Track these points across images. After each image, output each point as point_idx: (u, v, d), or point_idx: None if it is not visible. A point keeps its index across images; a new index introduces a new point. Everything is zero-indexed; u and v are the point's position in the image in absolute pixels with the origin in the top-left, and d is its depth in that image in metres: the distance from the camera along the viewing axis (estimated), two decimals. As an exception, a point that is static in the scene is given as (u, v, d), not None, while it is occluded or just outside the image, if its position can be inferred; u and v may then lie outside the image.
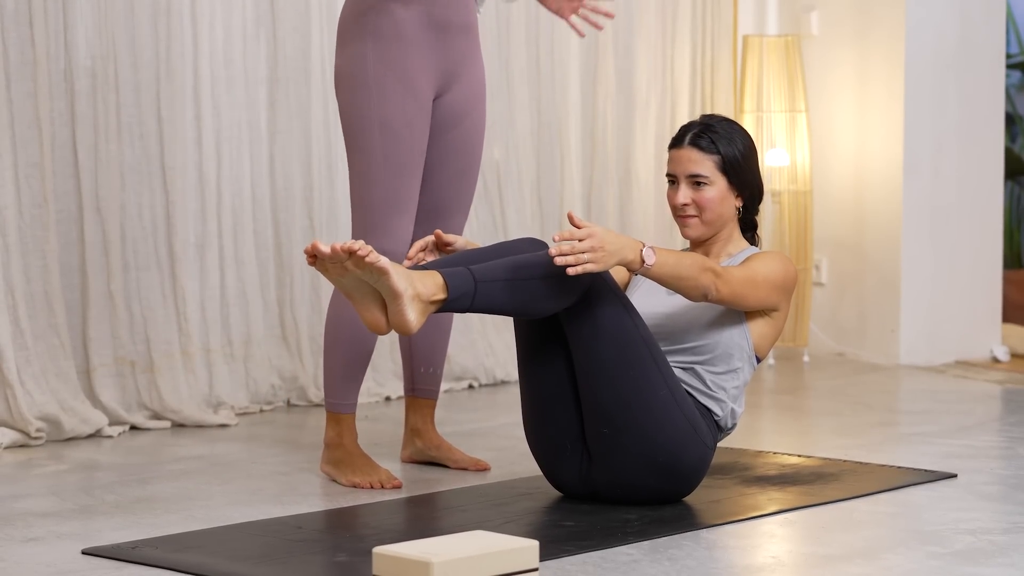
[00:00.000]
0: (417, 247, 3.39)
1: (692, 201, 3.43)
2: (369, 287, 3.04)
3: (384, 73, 3.62)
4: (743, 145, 3.44)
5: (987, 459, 3.97)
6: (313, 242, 2.99)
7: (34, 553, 2.98)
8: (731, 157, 3.42)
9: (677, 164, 3.44)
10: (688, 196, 3.43)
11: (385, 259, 2.99)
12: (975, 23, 6.07)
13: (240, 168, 4.87)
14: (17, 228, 4.35)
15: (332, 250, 2.97)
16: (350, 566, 2.84)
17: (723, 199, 3.43)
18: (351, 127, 3.66)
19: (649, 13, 5.94)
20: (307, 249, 3.00)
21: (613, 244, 3.10)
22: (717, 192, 3.42)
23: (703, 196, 3.42)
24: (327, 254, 2.98)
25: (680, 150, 3.44)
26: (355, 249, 2.96)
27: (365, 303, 3.06)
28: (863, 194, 6.05)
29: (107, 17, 4.53)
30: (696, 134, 3.43)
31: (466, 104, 3.77)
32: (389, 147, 3.62)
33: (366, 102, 3.62)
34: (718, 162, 3.41)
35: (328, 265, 3.01)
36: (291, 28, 4.94)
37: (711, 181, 3.42)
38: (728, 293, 3.29)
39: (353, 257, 2.98)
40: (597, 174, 5.82)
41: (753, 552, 3.03)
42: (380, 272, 2.99)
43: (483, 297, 3.10)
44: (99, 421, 4.38)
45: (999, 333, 6.19)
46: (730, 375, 3.39)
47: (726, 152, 3.41)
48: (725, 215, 3.45)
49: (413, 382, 3.92)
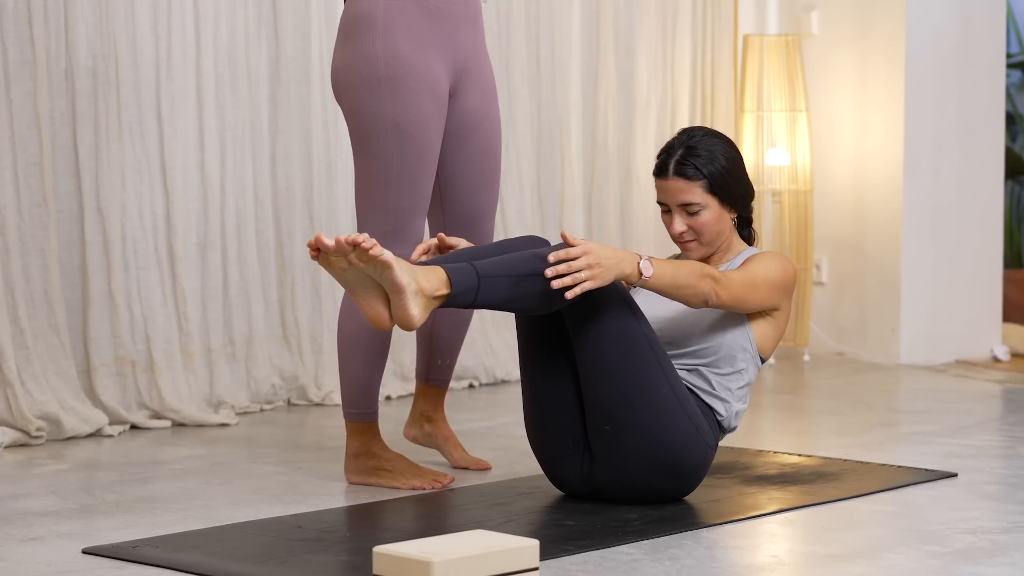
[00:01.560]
0: (420, 250, 3.37)
1: (689, 228, 3.42)
2: (372, 281, 3.03)
3: (397, 70, 3.50)
4: (726, 159, 3.42)
5: (987, 458, 3.97)
6: (316, 235, 2.97)
7: (34, 552, 2.98)
8: (717, 176, 3.40)
9: (666, 194, 3.42)
10: (684, 224, 3.42)
11: (389, 253, 2.98)
12: (975, 23, 6.07)
13: (241, 168, 4.87)
14: (17, 227, 4.36)
15: (336, 243, 2.96)
16: (350, 566, 2.84)
17: (718, 218, 3.43)
18: (361, 129, 3.53)
19: (649, 13, 5.94)
20: (310, 242, 2.97)
21: (610, 259, 3.10)
22: (711, 214, 3.41)
23: (699, 221, 3.41)
24: (331, 247, 2.97)
25: (666, 181, 3.41)
26: (359, 242, 2.95)
27: (368, 297, 3.05)
28: (863, 194, 6.05)
29: (108, 16, 4.53)
30: (678, 162, 3.39)
31: (482, 105, 3.68)
32: (406, 150, 3.51)
33: (378, 102, 3.51)
34: (706, 185, 3.39)
35: (331, 259, 3.00)
36: (292, 28, 4.94)
37: (703, 205, 3.40)
38: (728, 298, 3.29)
39: (357, 250, 2.97)
40: (597, 174, 5.82)
41: (753, 551, 3.03)
42: (384, 266, 2.98)
43: (486, 293, 3.10)
44: (99, 420, 4.38)
45: (999, 332, 6.19)
46: (735, 376, 3.39)
47: (711, 172, 3.39)
48: (724, 231, 3.45)
49: (428, 372, 3.86)
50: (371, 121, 3.52)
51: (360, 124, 3.54)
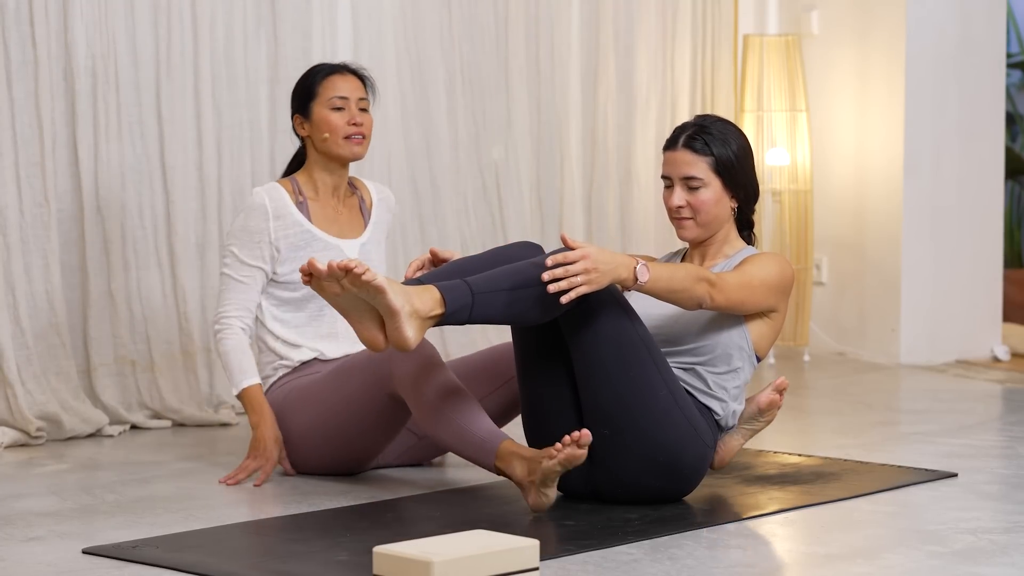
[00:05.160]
0: (414, 267, 3.39)
1: (687, 203, 3.42)
2: (366, 305, 3.04)
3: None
4: (737, 146, 3.44)
5: (988, 458, 3.97)
6: (309, 259, 2.99)
7: (35, 552, 2.98)
8: (725, 158, 3.41)
9: (672, 166, 3.44)
10: (683, 198, 3.42)
11: (381, 277, 3.00)
12: (975, 22, 6.07)
13: (241, 168, 4.87)
14: (18, 227, 4.36)
15: (328, 268, 2.98)
16: (350, 566, 2.84)
17: (718, 201, 3.43)
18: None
19: (649, 13, 5.95)
20: (303, 268, 3.01)
21: (607, 264, 3.10)
22: (712, 194, 3.42)
23: (698, 198, 3.42)
24: (323, 272, 2.98)
25: (674, 152, 3.43)
26: (351, 267, 2.97)
27: (362, 321, 3.06)
28: (863, 193, 6.05)
29: (107, 16, 4.53)
30: (690, 136, 3.42)
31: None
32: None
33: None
34: (712, 163, 3.41)
35: (324, 284, 3.02)
36: (292, 27, 4.94)
37: (705, 183, 3.41)
38: (723, 301, 3.29)
39: (349, 275, 2.98)
40: (597, 174, 5.82)
41: (753, 551, 3.03)
42: (376, 290, 2.99)
43: (481, 309, 3.10)
44: (100, 420, 4.38)
45: (999, 332, 6.19)
46: (731, 375, 3.39)
47: (720, 153, 3.41)
48: (721, 216, 3.45)
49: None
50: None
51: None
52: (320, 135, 3.83)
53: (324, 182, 3.87)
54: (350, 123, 3.82)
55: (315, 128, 3.84)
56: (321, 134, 3.82)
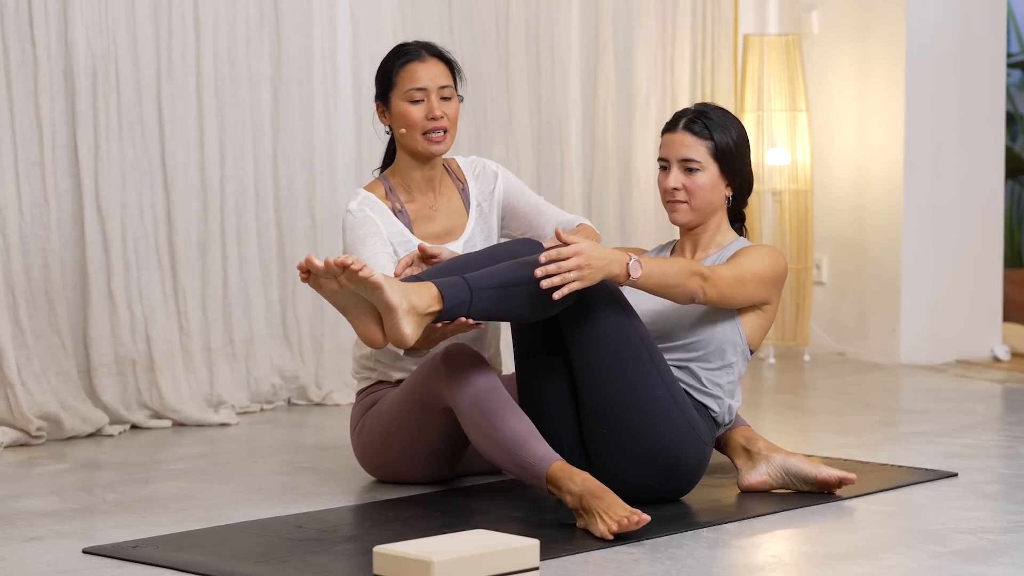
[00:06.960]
0: (403, 263, 3.38)
1: (683, 186, 3.42)
2: (364, 301, 3.05)
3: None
4: (737, 135, 3.44)
5: (988, 458, 3.97)
6: (307, 256, 2.99)
7: (35, 552, 2.98)
8: (724, 144, 3.41)
9: (670, 148, 3.44)
10: (679, 180, 3.42)
11: (378, 273, 3.00)
12: (976, 22, 6.07)
13: (242, 167, 4.87)
14: (18, 227, 4.36)
15: (326, 264, 2.98)
16: (350, 566, 2.84)
17: (714, 186, 3.43)
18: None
19: (649, 13, 5.94)
20: (300, 265, 3.00)
21: (600, 260, 3.10)
22: (708, 178, 3.42)
23: (694, 182, 3.42)
24: (321, 268, 2.99)
25: (674, 134, 3.44)
26: (348, 263, 2.97)
27: (360, 317, 3.06)
28: (864, 193, 6.05)
29: (108, 16, 4.53)
30: (691, 119, 3.43)
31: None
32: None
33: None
34: (711, 148, 3.41)
35: (322, 280, 3.02)
36: (294, 27, 4.95)
37: (703, 167, 3.41)
38: (716, 295, 3.29)
39: (347, 272, 2.98)
40: (597, 174, 5.82)
41: (753, 551, 3.03)
42: (374, 287, 2.99)
43: (479, 305, 3.11)
44: (100, 420, 4.38)
45: (1000, 332, 6.19)
46: (724, 370, 3.38)
47: (719, 139, 3.41)
48: (715, 203, 3.45)
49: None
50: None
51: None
52: (399, 129, 3.58)
53: (415, 180, 3.61)
54: (428, 117, 3.54)
55: (395, 121, 3.58)
56: (399, 128, 3.58)
